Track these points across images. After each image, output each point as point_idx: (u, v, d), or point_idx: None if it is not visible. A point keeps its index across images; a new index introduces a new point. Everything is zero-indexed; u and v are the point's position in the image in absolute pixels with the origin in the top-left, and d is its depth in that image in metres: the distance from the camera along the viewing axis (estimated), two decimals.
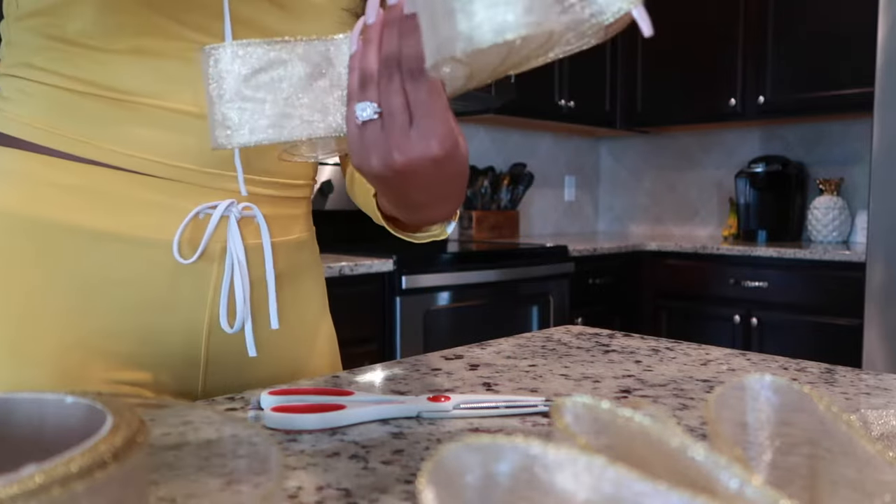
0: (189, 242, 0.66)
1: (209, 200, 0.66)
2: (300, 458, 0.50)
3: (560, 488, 0.24)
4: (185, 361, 0.69)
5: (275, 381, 0.74)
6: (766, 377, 0.34)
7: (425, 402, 0.60)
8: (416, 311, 2.24)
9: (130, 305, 0.66)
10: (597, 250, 2.94)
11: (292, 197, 0.74)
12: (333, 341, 0.84)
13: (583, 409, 0.30)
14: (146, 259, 0.65)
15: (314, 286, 0.80)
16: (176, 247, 0.65)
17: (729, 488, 0.24)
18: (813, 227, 3.04)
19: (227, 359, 0.71)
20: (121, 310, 0.66)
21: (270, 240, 0.70)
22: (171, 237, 0.65)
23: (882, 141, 2.28)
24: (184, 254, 0.66)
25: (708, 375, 0.74)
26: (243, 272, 0.67)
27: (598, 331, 0.98)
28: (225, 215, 0.67)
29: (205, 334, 0.68)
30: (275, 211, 0.71)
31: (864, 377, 0.73)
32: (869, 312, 2.31)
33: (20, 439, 0.34)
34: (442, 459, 0.24)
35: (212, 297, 0.68)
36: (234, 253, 0.67)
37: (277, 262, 0.71)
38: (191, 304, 0.67)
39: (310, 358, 0.78)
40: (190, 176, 0.66)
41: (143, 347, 0.67)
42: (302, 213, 0.77)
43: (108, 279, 0.65)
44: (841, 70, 2.78)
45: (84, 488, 0.26)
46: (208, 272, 0.67)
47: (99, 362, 0.66)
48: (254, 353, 0.69)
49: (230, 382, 0.72)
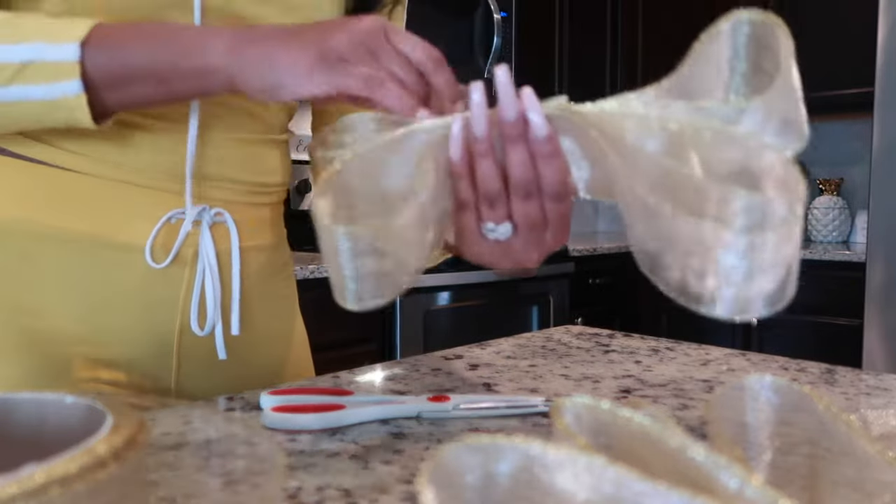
0: (161, 247, 0.66)
1: (180, 206, 0.66)
2: (300, 458, 0.50)
3: (560, 488, 0.24)
4: (156, 363, 0.69)
5: (249, 384, 0.73)
6: (766, 377, 0.34)
7: (425, 402, 0.60)
8: (416, 311, 2.24)
9: (101, 307, 0.66)
10: (597, 250, 2.94)
11: (264, 203, 0.74)
12: (305, 343, 0.84)
13: (583, 409, 0.30)
14: (117, 262, 0.65)
15: (285, 288, 0.79)
16: (149, 252, 0.65)
17: (729, 488, 0.24)
18: (813, 227, 3.04)
19: (199, 361, 0.71)
20: (91, 311, 0.66)
21: (240, 244, 0.69)
22: (143, 241, 0.65)
23: (882, 141, 2.28)
24: (156, 258, 0.66)
25: (708, 375, 0.74)
26: (214, 277, 0.67)
27: (598, 331, 0.98)
28: (197, 220, 0.67)
29: (176, 336, 0.68)
30: (245, 216, 0.71)
31: (864, 377, 0.73)
32: (869, 312, 2.31)
33: (20, 439, 0.34)
34: (442, 459, 0.24)
35: (183, 300, 0.67)
36: (206, 258, 0.67)
37: (250, 265, 0.71)
38: (162, 307, 0.67)
39: (285, 360, 0.78)
40: (160, 182, 0.66)
41: (116, 348, 0.67)
42: (274, 217, 0.77)
43: (80, 281, 0.65)
44: (841, 70, 2.78)
45: (84, 488, 0.26)
46: (180, 276, 0.67)
47: (75, 361, 0.66)
48: (223, 355, 0.69)
49: (202, 384, 0.72)
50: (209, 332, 0.68)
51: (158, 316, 0.67)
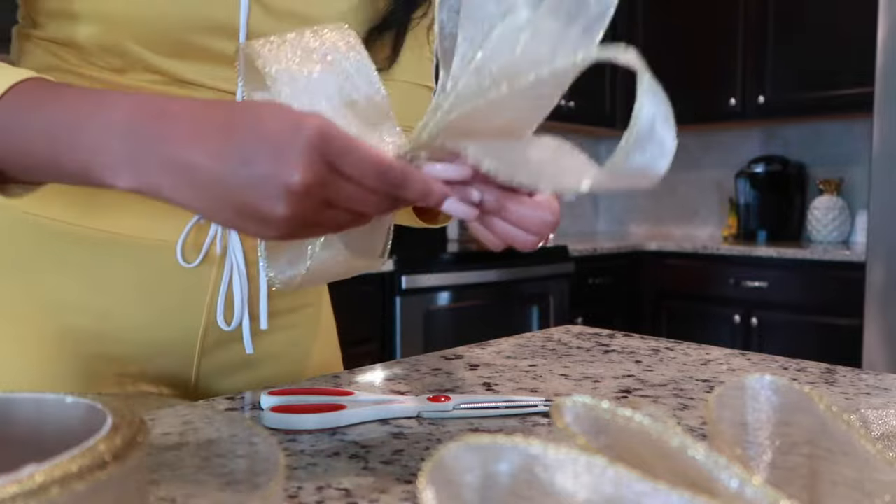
0: (192, 246, 0.67)
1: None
2: (300, 458, 0.50)
3: (560, 488, 0.24)
4: (179, 361, 0.70)
5: (272, 382, 0.74)
6: (766, 377, 0.34)
7: (425, 402, 0.60)
8: (416, 311, 2.24)
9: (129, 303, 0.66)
10: (597, 250, 2.94)
11: None
12: (334, 338, 0.84)
13: (583, 409, 0.30)
14: (147, 260, 0.66)
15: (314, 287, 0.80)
16: (180, 251, 0.66)
17: (729, 488, 0.24)
18: (813, 227, 3.04)
19: (221, 358, 0.72)
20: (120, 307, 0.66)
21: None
22: (174, 239, 0.66)
23: (882, 141, 2.28)
24: (187, 257, 0.66)
25: (708, 375, 0.74)
26: (242, 275, 0.68)
27: (598, 331, 0.98)
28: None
29: (200, 333, 0.69)
30: None
31: (864, 377, 0.73)
32: (869, 312, 2.31)
33: (20, 439, 0.34)
34: (442, 459, 0.24)
35: (210, 297, 0.68)
36: (234, 256, 0.68)
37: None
38: (189, 305, 0.68)
39: (309, 357, 0.79)
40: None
41: (140, 345, 0.68)
42: None
43: (110, 278, 0.66)
44: (841, 70, 2.78)
45: (84, 488, 0.26)
46: (207, 274, 0.68)
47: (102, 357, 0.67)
48: (251, 350, 0.70)
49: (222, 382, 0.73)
50: (235, 327, 0.69)
51: (185, 313, 0.68)
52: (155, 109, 0.45)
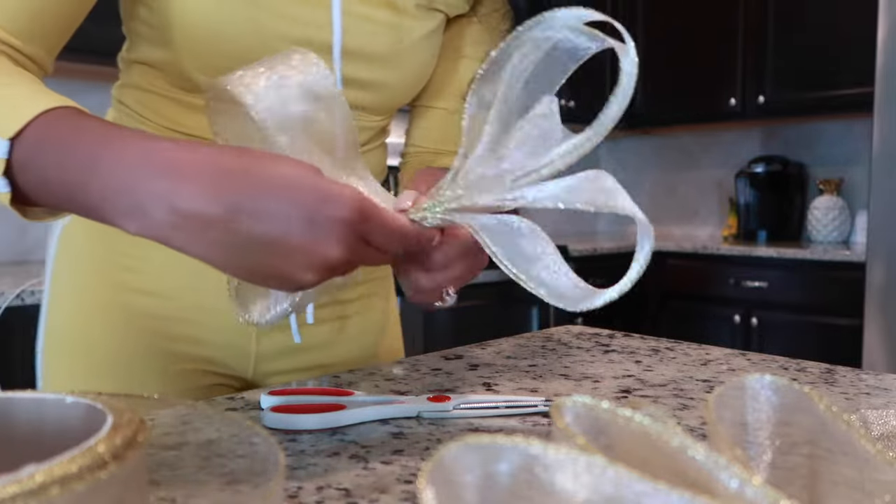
0: None
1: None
2: (300, 458, 0.50)
3: (560, 488, 0.24)
4: (238, 351, 0.75)
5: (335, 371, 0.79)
6: (766, 377, 0.34)
7: (425, 402, 0.60)
8: (416, 311, 2.24)
9: (195, 286, 0.72)
10: (597, 250, 2.94)
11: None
12: (397, 327, 0.92)
13: (583, 409, 0.30)
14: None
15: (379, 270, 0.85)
16: None
17: (729, 488, 0.24)
18: (813, 227, 3.04)
19: (277, 349, 0.77)
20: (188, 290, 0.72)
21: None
22: None
23: (882, 141, 2.27)
24: None
25: (708, 375, 0.74)
26: None
27: (598, 331, 0.98)
28: None
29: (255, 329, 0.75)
30: None
31: (864, 377, 0.73)
32: (869, 312, 2.31)
33: (20, 439, 0.34)
34: (442, 459, 0.24)
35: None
36: None
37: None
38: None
39: (377, 347, 0.85)
40: None
41: (204, 329, 0.73)
42: None
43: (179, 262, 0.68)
44: (841, 70, 2.78)
45: (84, 488, 0.26)
46: None
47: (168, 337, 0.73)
48: (298, 339, 0.75)
49: (280, 369, 0.78)
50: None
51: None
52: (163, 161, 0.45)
